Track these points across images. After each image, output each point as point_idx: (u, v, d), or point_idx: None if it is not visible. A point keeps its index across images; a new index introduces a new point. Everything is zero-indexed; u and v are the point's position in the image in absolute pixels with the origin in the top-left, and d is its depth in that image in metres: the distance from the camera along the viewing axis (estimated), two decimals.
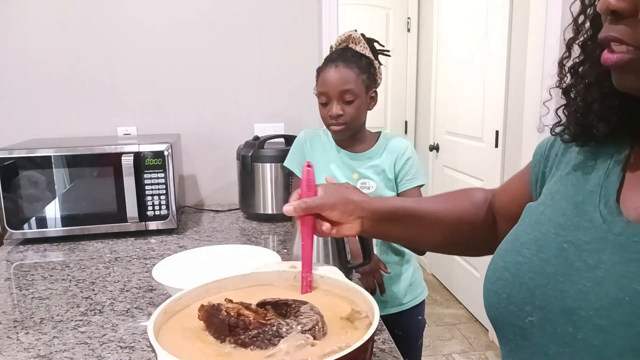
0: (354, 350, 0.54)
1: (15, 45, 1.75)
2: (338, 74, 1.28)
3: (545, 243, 0.55)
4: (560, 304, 0.50)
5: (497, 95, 2.43)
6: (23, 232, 1.45)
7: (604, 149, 0.57)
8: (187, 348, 0.60)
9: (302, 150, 1.44)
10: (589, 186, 0.55)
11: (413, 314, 1.43)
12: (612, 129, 0.55)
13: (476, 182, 2.70)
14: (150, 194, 1.49)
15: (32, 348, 0.87)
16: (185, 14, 1.83)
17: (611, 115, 0.54)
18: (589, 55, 0.56)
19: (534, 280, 0.53)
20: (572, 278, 0.50)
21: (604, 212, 0.51)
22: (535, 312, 0.52)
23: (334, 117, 1.29)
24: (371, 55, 1.33)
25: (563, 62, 0.59)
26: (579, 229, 0.52)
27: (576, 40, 0.57)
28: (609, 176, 0.54)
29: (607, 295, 0.46)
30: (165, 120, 1.88)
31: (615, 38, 0.46)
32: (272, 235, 1.52)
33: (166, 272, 1.01)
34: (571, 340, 0.48)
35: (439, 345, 2.59)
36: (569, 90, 0.59)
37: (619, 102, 0.53)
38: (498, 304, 0.57)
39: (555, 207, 0.57)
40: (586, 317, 0.47)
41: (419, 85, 3.62)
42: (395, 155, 1.35)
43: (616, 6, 0.45)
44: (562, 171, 0.61)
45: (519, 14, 2.23)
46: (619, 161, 0.54)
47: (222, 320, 0.61)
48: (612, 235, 0.49)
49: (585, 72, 0.56)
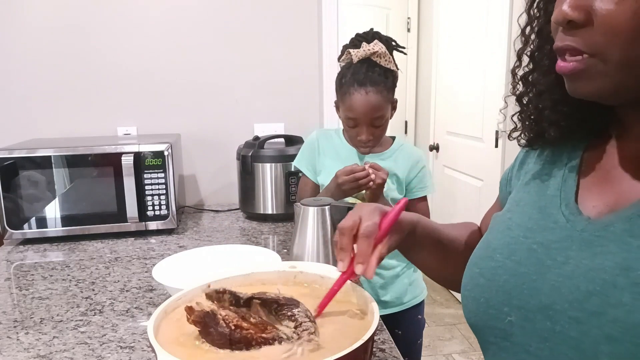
0: (354, 350, 0.54)
1: (16, 46, 1.75)
2: (368, 101, 1.23)
3: (516, 246, 0.58)
4: (536, 301, 0.53)
5: (497, 95, 2.43)
6: (23, 232, 1.45)
7: (559, 156, 0.61)
8: (187, 348, 0.60)
9: (313, 150, 1.43)
10: (550, 191, 0.59)
11: (413, 313, 1.44)
12: (563, 133, 0.59)
13: (476, 182, 2.70)
14: (150, 194, 1.49)
15: (32, 348, 0.87)
16: (185, 13, 1.83)
17: (561, 121, 0.59)
18: (538, 64, 0.60)
19: (509, 282, 0.56)
20: (545, 276, 0.53)
21: (566, 213, 0.56)
22: (513, 312, 0.55)
23: (364, 141, 1.29)
24: (394, 66, 1.29)
25: (515, 71, 0.64)
26: (546, 230, 0.56)
27: (525, 51, 0.61)
28: (566, 181, 0.59)
29: (578, 288, 0.49)
30: (165, 120, 1.88)
31: (572, 47, 0.49)
32: (272, 235, 1.52)
33: (166, 272, 1.01)
34: (549, 335, 0.50)
35: (439, 345, 2.59)
36: (522, 97, 0.63)
37: (568, 108, 0.58)
38: (477, 309, 0.59)
39: (521, 213, 0.61)
40: (561, 311, 0.50)
41: (419, 85, 3.62)
42: (411, 162, 1.36)
43: (572, 16, 0.47)
44: (522, 181, 0.66)
45: (519, 14, 2.22)
46: (572, 168, 0.59)
47: (222, 333, 0.59)
48: (576, 232, 0.53)
49: (536, 80, 0.60)
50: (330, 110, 1.77)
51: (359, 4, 3.45)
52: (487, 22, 2.52)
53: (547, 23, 0.56)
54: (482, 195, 2.62)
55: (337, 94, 1.32)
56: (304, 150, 1.46)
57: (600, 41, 0.47)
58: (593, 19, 0.47)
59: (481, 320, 0.59)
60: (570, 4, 0.47)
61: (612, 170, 0.55)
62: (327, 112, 1.91)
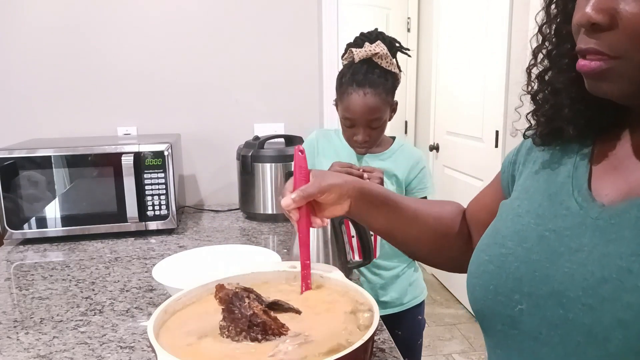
0: (354, 350, 0.54)
1: (16, 45, 1.75)
2: (366, 102, 1.23)
3: (527, 234, 0.58)
4: (548, 288, 0.52)
5: (497, 95, 2.43)
6: (23, 232, 1.45)
7: (570, 146, 0.61)
8: (187, 348, 0.60)
9: (312, 150, 1.43)
10: (560, 179, 0.59)
11: (413, 314, 1.44)
12: (582, 131, 0.59)
13: (476, 182, 2.70)
14: (150, 194, 1.49)
15: (32, 348, 0.87)
16: (186, 14, 1.83)
17: (579, 119, 0.58)
18: (555, 62, 0.60)
19: (520, 269, 0.56)
20: (557, 262, 0.53)
21: (579, 200, 0.55)
22: (524, 299, 0.55)
23: (360, 142, 1.29)
24: (396, 68, 1.28)
25: (530, 70, 0.63)
26: (557, 217, 0.56)
27: (542, 49, 0.61)
28: (578, 168, 0.58)
29: (592, 275, 0.49)
30: (165, 120, 1.88)
31: (596, 50, 0.49)
32: (272, 235, 1.52)
33: (166, 272, 1.02)
34: (561, 322, 0.50)
35: (439, 345, 2.59)
36: (537, 95, 0.63)
37: (585, 106, 0.58)
38: (485, 297, 0.59)
39: (530, 200, 0.61)
40: (575, 298, 0.50)
41: (419, 85, 3.62)
42: (411, 163, 1.35)
43: (597, 19, 0.47)
44: (530, 169, 0.66)
45: (519, 14, 2.23)
46: (584, 155, 0.59)
47: (244, 314, 0.61)
48: (590, 219, 0.53)
49: (553, 79, 0.60)
50: (330, 110, 1.77)
51: (359, 4, 3.44)
52: (487, 22, 2.52)
53: (565, 22, 0.56)
54: None
55: (337, 92, 1.32)
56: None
57: (625, 44, 0.47)
58: (618, 21, 0.47)
59: (488, 307, 0.59)
60: (594, 7, 0.47)
61: (625, 159, 0.55)
62: (327, 112, 1.91)
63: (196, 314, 0.69)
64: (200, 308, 0.71)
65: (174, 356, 0.54)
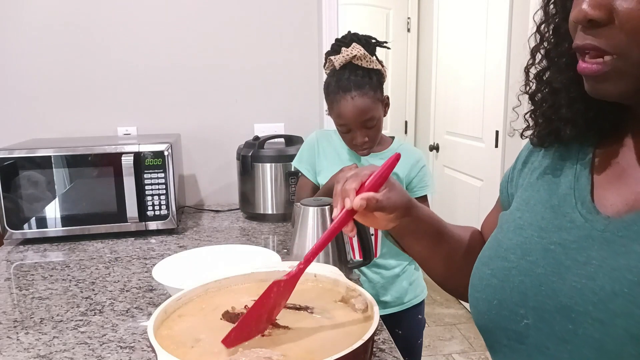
0: (354, 350, 0.54)
1: (16, 46, 1.75)
2: (355, 106, 1.24)
3: (530, 246, 0.56)
4: (555, 302, 0.51)
5: (497, 95, 2.43)
6: (23, 232, 1.45)
7: (568, 152, 0.60)
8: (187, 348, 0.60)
9: (312, 151, 1.43)
10: (562, 190, 0.58)
11: (413, 313, 1.44)
12: (580, 132, 0.58)
13: (476, 182, 2.70)
14: (150, 194, 1.49)
15: (32, 348, 0.87)
16: (186, 14, 1.83)
17: (578, 119, 0.57)
18: (554, 62, 0.58)
19: (525, 283, 0.54)
20: (564, 276, 0.51)
21: (583, 212, 0.54)
22: (529, 314, 0.53)
23: (360, 144, 1.29)
24: (378, 64, 1.29)
25: (528, 69, 0.62)
26: (562, 229, 0.54)
27: (540, 48, 0.60)
28: (579, 179, 0.57)
29: (602, 289, 0.48)
30: (165, 120, 1.88)
31: (593, 46, 0.48)
32: (272, 235, 1.52)
33: (166, 272, 1.01)
34: (571, 337, 0.49)
35: (439, 345, 2.59)
36: (535, 95, 0.62)
37: (584, 106, 0.56)
38: (489, 311, 0.58)
39: (532, 212, 0.59)
40: (584, 312, 0.48)
41: (419, 85, 3.62)
42: (411, 162, 1.36)
43: (593, 15, 0.46)
44: (529, 178, 0.64)
45: (519, 14, 2.23)
46: (584, 164, 0.58)
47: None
48: (596, 232, 0.51)
49: (551, 78, 0.59)
50: None
51: (359, 4, 3.45)
52: (487, 22, 2.52)
53: (564, 20, 0.55)
54: (482, 195, 2.62)
55: (327, 102, 1.33)
56: (303, 151, 1.46)
57: (622, 40, 0.46)
58: (614, 17, 0.46)
59: (492, 322, 0.58)
60: (590, 3, 0.46)
61: (628, 168, 0.54)
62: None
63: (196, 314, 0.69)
64: (200, 308, 0.71)
65: (174, 356, 0.54)
